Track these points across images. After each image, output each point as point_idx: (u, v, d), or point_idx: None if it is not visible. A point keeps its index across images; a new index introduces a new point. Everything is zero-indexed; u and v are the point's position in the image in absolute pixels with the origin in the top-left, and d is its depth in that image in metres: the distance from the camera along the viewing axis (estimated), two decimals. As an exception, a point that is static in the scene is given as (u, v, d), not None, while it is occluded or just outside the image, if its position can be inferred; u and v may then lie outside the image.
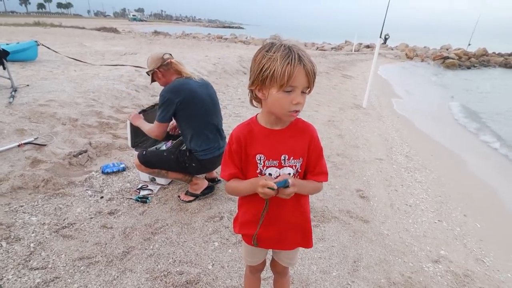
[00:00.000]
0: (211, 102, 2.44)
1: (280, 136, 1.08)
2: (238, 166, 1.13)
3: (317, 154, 1.14)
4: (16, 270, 1.79)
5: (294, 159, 1.09)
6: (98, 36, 15.67)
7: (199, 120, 2.35)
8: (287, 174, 1.09)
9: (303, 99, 0.97)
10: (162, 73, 2.38)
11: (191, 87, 2.32)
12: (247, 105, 5.70)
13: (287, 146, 1.08)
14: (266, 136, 1.08)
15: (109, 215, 2.33)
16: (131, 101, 4.57)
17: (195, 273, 1.84)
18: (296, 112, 0.99)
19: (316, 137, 1.13)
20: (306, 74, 0.93)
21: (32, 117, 3.32)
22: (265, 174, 1.09)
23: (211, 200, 2.60)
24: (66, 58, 7.05)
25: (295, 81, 0.92)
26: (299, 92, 0.95)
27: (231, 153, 1.12)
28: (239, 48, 15.47)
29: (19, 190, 2.46)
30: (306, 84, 0.95)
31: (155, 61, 2.36)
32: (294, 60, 0.91)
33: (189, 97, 2.28)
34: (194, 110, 2.31)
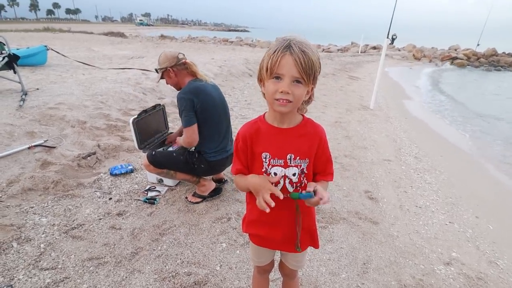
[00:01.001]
0: (222, 105, 2.45)
1: (287, 135, 1.07)
2: (244, 163, 1.15)
3: (326, 156, 1.13)
4: (26, 270, 1.81)
5: (300, 159, 1.07)
6: (106, 40, 15.90)
7: (212, 123, 2.35)
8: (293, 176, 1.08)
9: (291, 89, 0.93)
10: (175, 72, 2.35)
11: (208, 91, 2.32)
12: (254, 106, 5.71)
13: (294, 145, 1.07)
14: (272, 134, 1.08)
15: (118, 216, 2.34)
16: (138, 104, 4.61)
17: (203, 274, 1.84)
18: (284, 101, 0.95)
19: (324, 138, 1.12)
20: (294, 62, 0.90)
21: (42, 120, 3.37)
22: (270, 173, 1.08)
23: (219, 201, 2.59)
24: (75, 62, 7.16)
25: (281, 68, 0.92)
26: (287, 81, 0.93)
27: (238, 150, 1.15)
28: (244, 51, 15.54)
29: (29, 191, 2.49)
30: (295, 73, 0.92)
31: (169, 59, 2.33)
32: (283, 48, 0.92)
33: (206, 101, 2.28)
34: (209, 114, 2.32)
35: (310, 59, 0.92)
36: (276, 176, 1.07)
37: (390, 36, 6.15)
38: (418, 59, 20.78)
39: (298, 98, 0.96)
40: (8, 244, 1.98)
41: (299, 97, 0.96)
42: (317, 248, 1.26)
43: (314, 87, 1.04)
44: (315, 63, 0.95)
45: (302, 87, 0.95)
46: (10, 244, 1.99)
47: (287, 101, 0.95)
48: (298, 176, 1.08)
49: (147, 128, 2.84)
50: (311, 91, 1.04)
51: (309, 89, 1.01)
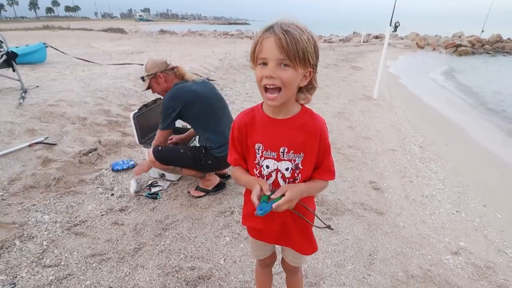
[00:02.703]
0: (216, 99, 2.40)
1: (282, 126, 0.99)
2: (240, 153, 1.11)
3: (324, 150, 1.03)
4: (29, 268, 1.80)
5: (294, 153, 0.99)
6: (105, 37, 15.82)
7: (208, 118, 2.31)
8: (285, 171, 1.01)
9: (276, 73, 0.85)
10: (165, 77, 2.31)
11: (191, 89, 2.27)
12: (256, 99, 5.65)
13: (288, 138, 0.99)
14: (266, 124, 1.01)
15: (120, 212, 2.33)
16: (139, 99, 4.58)
17: (207, 268, 1.82)
18: (272, 88, 0.88)
19: (325, 131, 1.01)
20: (276, 44, 0.83)
21: (42, 117, 3.35)
22: (262, 166, 1.03)
23: (221, 195, 2.57)
24: (75, 59, 7.12)
25: (263, 52, 0.86)
26: (272, 64, 0.85)
27: (233, 140, 1.10)
28: (245, 44, 15.40)
29: (31, 189, 2.48)
30: (278, 56, 0.84)
31: (158, 65, 2.28)
32: (264, 31, 0.86)
33: (190, 99, 2.24)
34: (199, 109, 2.27)
35: (295, 38, 0.83)
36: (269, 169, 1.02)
37: (393, 23, 6.02)
38: (422, 48, 20.45)
39: (286, 83, 0.87)
40: (11, 242, 1.97)
41: (288, 81, 0.87)
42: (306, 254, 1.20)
43: (314, 71, 0.94)
44: (304, 43, 0.85)
45: (290, 70, 0.86)
46: (13, 242, 1.98)
47: (275, 87, 0.87)
48: (292, 171, 1.01)
49: (148, 123, 2.81)
50: (310, 76, 0.93)
51: (305, 73, 0.91)
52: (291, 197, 0.95)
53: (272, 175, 1.03)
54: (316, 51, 0.90)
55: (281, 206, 0.94)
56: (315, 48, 0.89)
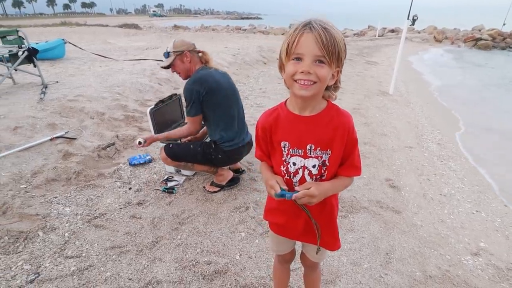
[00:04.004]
0: (233, 93, 2.41)
1: (308, 123, 0.98)
2: (265, 151, 1.13)
3: (352, 146, 1.01)
4: (52, 258, 1.87)
5: (321, 150, 0.99)
6: (121, 33, 16.05)
7: (224, 109, 2.32)
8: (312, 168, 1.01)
9: (312, 69, 0.85)
10: (190, 58, 2.30)
11: (214, 77, 2.28)
12: (269, 95, 5.63)
13: (315, 135, 0.98)
14: (292, 122, 1.00)
15: (138, 206, 2.38)
16: (154, 94, 4.64)
17: (223, 263, 1.84)
18: (305, 82, 0.87)
19: (352, 127, 0.99)
20: (315, 40, 0.83)
21: (62, 112, 3.45)
22: (289, 163, 1.03)
23: (236, 191, 2.58)
24: (92, 55, 7.27)
25: (301, 47, 0.85)
26: (308, 60, 0.85)
27: (258, 139, 1.12)
28: (258, 39, 15.30)
29: (52, 182, 2.56)
30: (317, 52, 0.84)
31: (187, 44, 2.29)
32: (302, 26, 0.85)
33: (213, 87, 2.24)
34: (218, 100, 2.27)
35: (333, 36, 0.84)
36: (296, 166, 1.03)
37: (411, 17, 5.85)
38: (440, 41, 19.81)
39: (322, 79, 0.87)
40: (34, 233, 2.05)
41: (323, 78, 0.87)
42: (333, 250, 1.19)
43: (340, 71, 0.94)
44: (339, 42, 0.86)
45: (326, 67, 0.86)
46: (36, 233, 2.05)
47: (310, 82, 0.87)
48: (319, 168, 1.01)
49: (164, 118, 2.85)
50: (337, 75, 0.94)
51: (334, 72, 0.91)
52: (313, 192, 0.95)
53: (299, 172, 1.03)
54: (345, 51, 0.90)
55: (300, 198, 0.95)
56: (345, 48, 0.90)
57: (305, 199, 0.96)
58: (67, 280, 1.72)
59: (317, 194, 0.96)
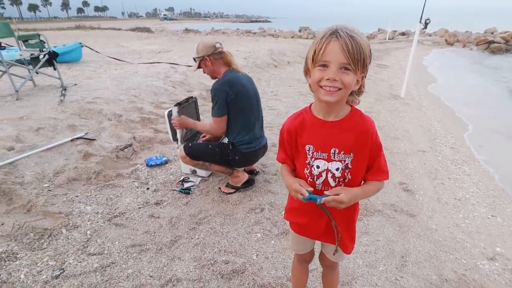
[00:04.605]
0: (255, 97, 2.46)
1: (332, 128, 1.02)
2: (289, 154, 1.16)
3: (376, 150, 1.04)
4: (76, 255, 1.94)
5: (344, 153, 1.02)
6: (134, 36, 16.35)
7: (245, 113, 2.38)
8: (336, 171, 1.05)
9: (338, 76, 0.89)
10: (211, 61, 2.38)
11: (242, 81, 2.34)
12: (280, 97, 5.67)
13: (338, 139, 1.02)
14: (316, 126, 1.05)
15: (156, 206, 2.44)
16: (169, 97, 4.73)
17: (240, 263, 1.88)
18: (331, 89, 0.91)
19: (375, 132, 1.03)
20: (341, 48, 0.86)
21: (81, 114, 3.56)
22: (313, 166, 1.07)
23: (251, 192, 2.62)
24: (107, 58, 7.44)
25: (327, 55, 0.88)
26: (334, 67, 0.89)
27: (283, 142, 1.16)
28: (268, 42, 15.38)
29: (74, 181, 2.64)
30: (342, 60, 0.87)
31: (207, 48, 2.36)
32: (329, 34, 0.88)
33: (240, 92, 2.31)
34: (243, 104, 2.34)
35: (358, 44, 0.87)
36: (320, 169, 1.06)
37: (423, 20, 5.82)
38: (451, 44, 19.55)
39: (347, 86, 0.91)
40: (58, 231, 2.13)
41: (349, 85, 0.91)
42: (347, 253, 1.23)
43: (365, 77, 0.97)
44: (365, 49, 0.89)
45: (351, 74, 0.90)
46: (60, 231, 2.13)
47: (336, 88, 0.91)
48: (342, 171, 1.04)
49: (180, 121, 2.91)
50: (362, 80, 0.97)
51: (358, 78, 0.94)
52: (342, 199, 0.98)
53: (322, 174, 1.06)
54: (370, 57, 0.94)
55: (329, 202, 0.99)
56: (370, 54, 0.93)
57: (333, 203, 0.99)
58: (90, 276, 1.78)
59: (346, 201, 0.99)
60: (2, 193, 2.32)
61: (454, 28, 24.80)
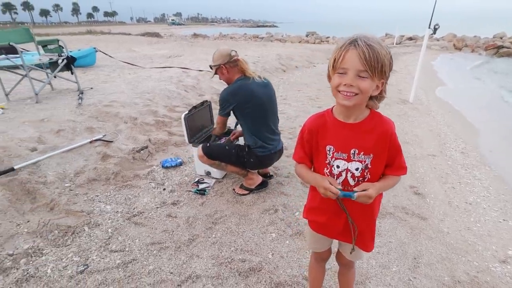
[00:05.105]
0: (269, 102, 2.51)
1: (353, 130, 1.08)
2: (308, 153, 1.21)
3: (395, 150, 1.11)
4: (98, 251, 2.02)
5: (364, 154, 1.08)
6: (144, 41, 16.64)
7: (256, 119, 2.45)
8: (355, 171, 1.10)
9: (355, 82, 0.96)
10: (227, 69, 2.47)
11: (249, 89, 2.41)
12: (290, 102, 5.74)
13: (358, 140, 1.08)
14: (337, 128, 1.11)
15: (173, 206, 2.52)
16: (182, 101, 4.84)
17: (257, 261, 1.94)
18: (348, 94, 0.98)
19: (394, 133, 1.09)
20: (358, 56, 0.93)
21: (99, 117, 3.67)
22: (333, 166, 1.13)
23: (265, 194, 2.69)
24: (120, 62, 7.62)
25: (345, 62, 0.96)
26: (351, 74, 0.96)
27: (303, 141, 1.21)
28: (275, 47, 15.49)
29: (93, 181, 2.74)
30: (359, 67, 0.94)
31: (223, 57, 2.44)
32: (348, 43, 0.96)
33: (244, 100, 2.39)
34: (251, 110, 2.41)
35: (376, 52, 0.94)
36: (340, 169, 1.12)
37: (432, 26, 5.85)
38: (459, 49, 19.43)
39: (364, 91, 0.97)
40: (81, 228, 2.22)
41: (365, 90, 0.97)
42: (368, 251, 1.27)
43: (385, 83, 1.04)
44: (382, 57, 0.95)
45: (368, 80, 0.96)
46: (82, 228, 2.22)
47: (352, 93, 0.98)
48: (362, 171, 1.10)
49: (196, 124, 3.00)
50: (382, 86, 1.03)
51: (378, 83, 1.01)
52: (371, 193, 1.05)
53: (342, 174, 1.12)
54: (390, 65, 1.00)
55: (361, 197, 1.06)
56: (390, 62, 1.00)
57: (363, 198, 1.06)
58: (113, 272, 1.86)
59: (374, 195, 1.06)
60: (27, 192, 2.43)
61: (462, 33, 24.64)
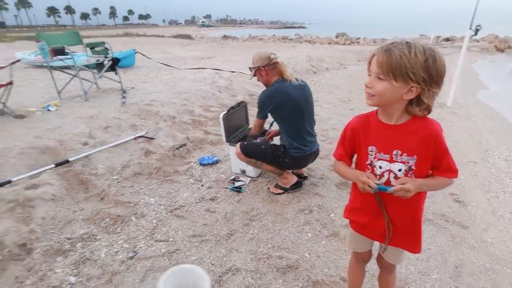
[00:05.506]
0: (305, 104, 2.55)
1: (396, 131, 1.10)
2: (348, 152, 1.26)
3: (441, 152, 1.08)
4: (145, 240, 2.17)
5: (407, 155, 1.09)
6: (176, 43, 17.22)
7: (292, 121, 2.50)
8: (398, 172, 1.12)
9: (372, 84, 1.05)
10: (266, 71, 2.53)
11: (286, 91, 2.46)
12: (321, 104, 5.72)
13: (401, 141, 1.09)
14: (380, 129, 1.13)
15: (211, 201, 2.63)
16: (216, 101, 4.99)
17: (294, 259, 1.99)
18: (367, 93, 1.08)
19: (439, 135, 1.07)
20: (377, 59, 1.02)
21: (141, 115, 3.90)
22: (375, 166, 1.15)
23: (299, 194, 2.73)
24: (157, 63, 7.98)
25: (369, 66, 1.07)
26: (372, 77, 1.05)
27: (345, 139, 1.26)
28: (305, 48, 15.42)
29: (138, 175, 2.93)
30: (376, 70, 1.02)
31: (262, 59, 2.52)
32: (377, 49, 1.04)
33: (281, 102, 2.46)
34: (288, 112, 2.47)
35: (392, 55, 0.98)
36: (382, 170, 1.15)
37: (473, 27, 5.58)
38: (502, 51, 18.22)
39: (378, 93, 1.03)
40: (129, 218, 2.38)
41: (379, 92, 1.03)
42: (416, 253, 1.26)
43: (427, 88, 1.00)
44: (404, 60, 0.96)
45: (384, 83, 1.01)
46: (130, 218, 2.39)
47: (370, 94, 1.07)
48: (405, 172, 1.11)
49: (232, 124, 3.10)
50: (416, 91, 1.00)
51: (409, 87, 0.99)
52: (409, 187, 1.05)
53: (385, 175, 1.14)
54: (424, 69, 0.97)
55: (397, 191, 1.07)
56: (422, 66, 0.97)
57: (401, 192, 1.06)
58: (159, 259, 1.99)
59: (412, 189, 1.06)
60: (80, 182, 2.65)
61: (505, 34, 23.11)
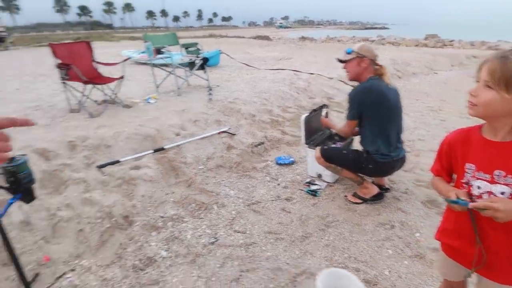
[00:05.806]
0: (395, 107, 2.42)
1: (500, 149, 0.97)
2: (444, 166, 1.16)
3: None
4: (225, 229, 2.32)
5: None
6: (255, 43, 17.80)
7: (383, 123, 2.37)
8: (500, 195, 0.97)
9: (477, 92, 0.96)
10: (367, 65, 2.38)
11: (381, 89, 2.34)
12: (407, 112, 5.26)
13: (505, 161, 0.95)
14: (482, 145, 1.01)
15: (286, 201, 2.67)
16: (294, 102, 5.03)
17: (372, 275, 1.89)
18: (469, 102, 0.98)
19: None
20: (488, 67, 0.92)
21: (225, 111, 4.17)
22: (472, 186, 1.03)
23: (379, 206, 2.58)
24: (238, 63, 8.40)
25: (479, 74, 0.97)
26: (479, 85, 0.95)
27: (442, 153, 1.17)
28: (388, 50, 14.33)
29: (220, 167, 3.14)
30: (485, 77, 0.93)
31: (370, 52, 2.38)
32: (490, 56, 0.95)
33: (378, 100, 2.32)
34: (380, 113, 2.35)
35: (507, 62, 0.89)
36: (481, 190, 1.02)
37: None
38: None
39: (483, 103, 0.94)
40: (211, 206, 2.58)
41: (484, 102, 0.93)
42: None
43: None
44: None
45: (492, 92, 0.91)
46: (212, 206, 2.58)
47: (471, 103, 0.97)
48: (510, 196, 0.96)
49: (312, 126, 3.09)
50: None
51: None
52: (498, 206, 0.90)
53: (483, 196, 1.01)
54: None
55: (481, 208, 0.93)
56: None
57: (489, 212, 0.92)
58: (237, 249, 2.11)
59: (502, 209, 0.90)
60: (172, 168, 2.96)
61: None
